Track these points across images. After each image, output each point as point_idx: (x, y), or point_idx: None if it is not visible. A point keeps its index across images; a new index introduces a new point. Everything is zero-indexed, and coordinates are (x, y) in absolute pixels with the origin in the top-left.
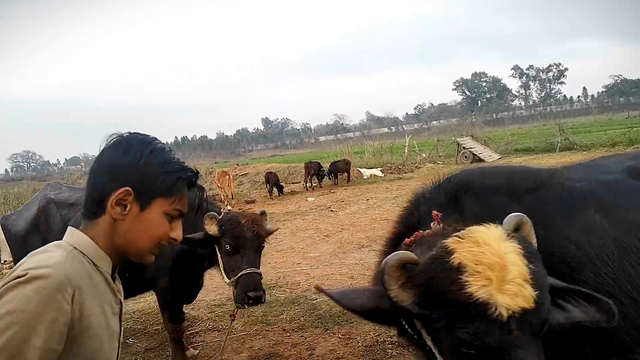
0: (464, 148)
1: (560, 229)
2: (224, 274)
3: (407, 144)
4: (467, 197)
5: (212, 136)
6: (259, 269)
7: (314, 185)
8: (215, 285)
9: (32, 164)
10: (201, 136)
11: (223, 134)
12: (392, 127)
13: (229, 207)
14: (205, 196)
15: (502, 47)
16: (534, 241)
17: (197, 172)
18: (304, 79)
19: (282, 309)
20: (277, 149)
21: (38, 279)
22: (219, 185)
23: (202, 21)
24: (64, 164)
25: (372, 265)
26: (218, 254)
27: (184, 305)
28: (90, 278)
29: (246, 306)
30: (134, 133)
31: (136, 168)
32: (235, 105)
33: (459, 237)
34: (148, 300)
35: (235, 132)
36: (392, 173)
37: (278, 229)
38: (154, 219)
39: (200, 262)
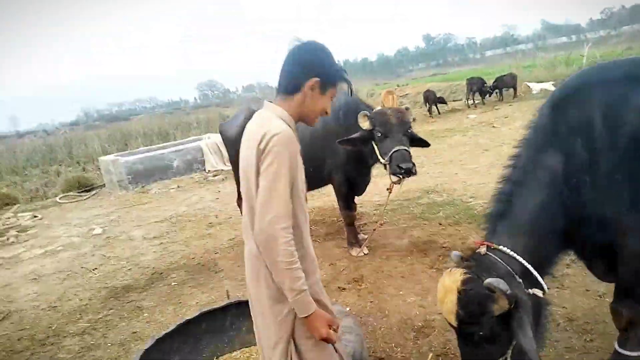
0: None
1: None
2: (379, 156)
3: (585, 54)
4: (593, 90)
5: (373, 58)
6: (408, 149)
7: (476, 102)
8: (379, 190)
9: (215, 92)
10: (362, 58)
11: (383, 54)
12: (572, 36)
13: None
14: (360, 99)
15: None
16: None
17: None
18: None
19: (439, 208)
20: (439, 67)
21: (285, 131)
22: (385, 105)
23: None
24: (241, 91)
25: None
26: (374, 145)
27: (356, 199)
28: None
29: (400, 177)
30: (310, 41)
31: (322, 65)
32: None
33: (449, 275)
34: (324, 200)
35: (395, 52)
36: None
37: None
38: (325, 100)
39: (366, 160)
